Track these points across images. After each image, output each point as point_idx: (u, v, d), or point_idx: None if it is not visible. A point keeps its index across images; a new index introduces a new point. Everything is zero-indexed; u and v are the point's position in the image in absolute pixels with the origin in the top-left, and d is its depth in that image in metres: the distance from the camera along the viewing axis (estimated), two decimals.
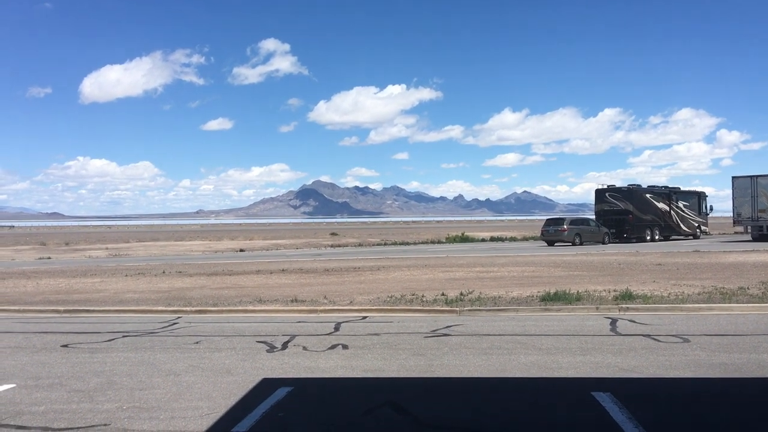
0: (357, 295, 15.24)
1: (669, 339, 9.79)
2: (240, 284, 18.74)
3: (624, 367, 8.07)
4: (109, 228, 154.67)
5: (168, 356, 9.33)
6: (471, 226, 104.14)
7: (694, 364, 8.19)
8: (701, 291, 14.49)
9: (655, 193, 45.00)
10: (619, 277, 18.01)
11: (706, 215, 49.45)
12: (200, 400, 6.94)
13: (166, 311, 13.95)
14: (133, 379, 8.01)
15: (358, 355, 9.14)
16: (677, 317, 11.94)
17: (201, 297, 15.70)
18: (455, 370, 8.12)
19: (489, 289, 15.62)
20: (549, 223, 41.65)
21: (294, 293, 15.75)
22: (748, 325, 10.98)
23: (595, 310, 12.70)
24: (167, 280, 20.34)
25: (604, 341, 9.77)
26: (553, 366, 8.23)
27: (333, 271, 22.32)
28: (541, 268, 22.14)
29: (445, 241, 52.79)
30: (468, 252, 35.01)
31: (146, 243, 59.67)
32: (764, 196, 39.42)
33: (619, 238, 42.12)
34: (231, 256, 36.34)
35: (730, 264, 21.97)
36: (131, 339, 10.89)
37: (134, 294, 16.79)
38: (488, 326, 11.37)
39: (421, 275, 20.25)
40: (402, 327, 11.48)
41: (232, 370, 8.37)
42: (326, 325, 11.77)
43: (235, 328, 11.85)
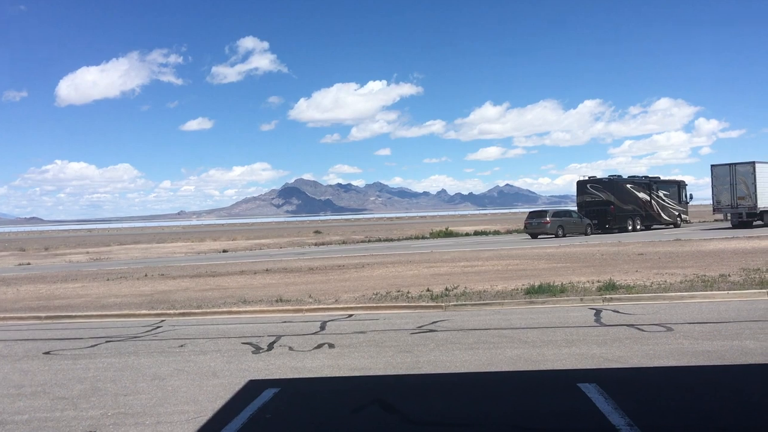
0: (342, 294, 15.21)
1: (653, 328, 9.87)
2: (224, 285, 18.64)
3: (609, 358, 8.12)
4: (89, 232, 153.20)
5: (152, 360, 9.25)
6: (454, 221, 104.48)
7: (677, 352, 8.26)
8: (683, 279, 14.62)
9: (635, 183, 45.37)
10: (602, 268, 18.14)
11: (686, 204, 49.95)
12: (186, 404, 6.88)
13: (149, 315, 13.83)
14: (118, 384, 7.93)
15: (344, 353, 9.12)
16: (660, 306, 12.04)
17: (184, 299, 15.59)
18: (442, 366, 8.13)
19: (474, 284, 15.66)
20: (532, 215, 41.83)
21: (279, 293, 15.69)
22: (730, 312, 11.10)
23: (580, 301, 12.78)
24: (150, 283, 20.18)
25: (589, 332, 9.83)
26: (539, 359, 8.26)
27: (317, 270, 22.27)
28: (525, 261, 22.23)
29: (429, 236, 52.86)
30: (452, 247, 35.09)
31: (127, 246, 59.18)
32: (743, 184, 39.88)
33: (602, 228, 42.41)
34: (214, 257, 36.14)
35: (710, 252, 22.21)
36: (115, 344, 10.78)
37: (116, 298, 16.64)
38: (474, 321, 11.40)
39: (405, 271, 20.26)
40: (388, 324, 11.47)
41: (218, 372, 8.32)
42: (312, 325, 11.73)
43: (219, 330, 11.78)
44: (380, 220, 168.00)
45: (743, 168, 40.12)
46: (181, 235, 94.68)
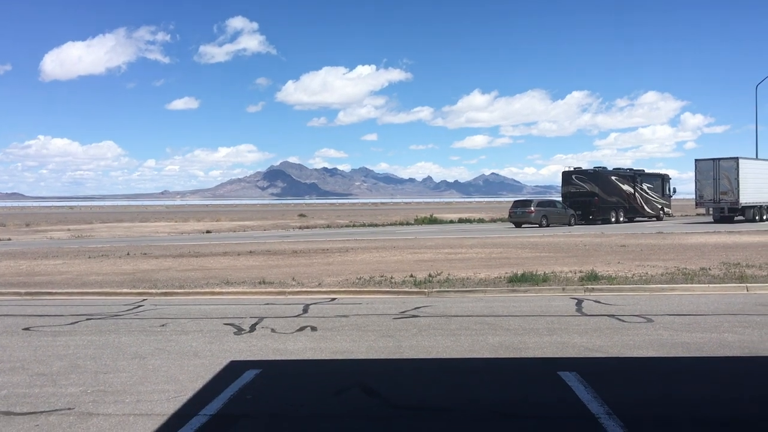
0: (325, 277, 15.19)
1: (633, 319, 9.96)
2: (207, 266, 18.55)
3: (590, 347, 8.18)
4: (71, 209, 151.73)
5: (133, 339, 9.20)
6: (439, 208, 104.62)
7: (657, 343, 8.34)
8: (664, 272, 14.75)
9: (620, 175, 45.64)
10: (584, 259, 18.25)
11: (669, 197, 50.37)
12: (167, 383, 6.86)
13: (131, 294, 13.75)
14: (98, 362, 7.88)
15: (327, 337, 9.12)
16: (641, 298, 12.15)
17: (167, 279, 15.50)
18: (424, 352, 8.15)
19: (457, 271, 15.70)
20: (516, 205, 41.98)
21: (262, 275, 15.64)
22: (710, 304, 11.22)
23: (562, 291, 12.86)
24: (132, 262, 20.04)
25: (571, 322, 9.90)
26: (521, 346, 8.31)
27: (301, 253, 22.23)
28: (509, 249, 22.32)
29: (413, 222, 52.89)
30: (436, 234, 35.15)
31: (110, 224, 58.72)
32: (726, 179, 40.26)
33: (585, 219, 42.67)
34: (197, 238, 35.94)
35: (692, 245, 22.42)
36: (95, 322, 10.71)
37: (98, 276, 16.51)
38: (457, 307, 11.44)
39: (389, 257, 20.27)
40: (371, 309, 11.48)
41: (199, 352, 8.29)
42: (295, 307, 11.71)
43: (202, 310, 11.73)
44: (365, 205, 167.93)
45: (727, 163, 40.48)
46: (164, 214, 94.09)
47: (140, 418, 5.78)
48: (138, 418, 5.78)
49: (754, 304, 11.24)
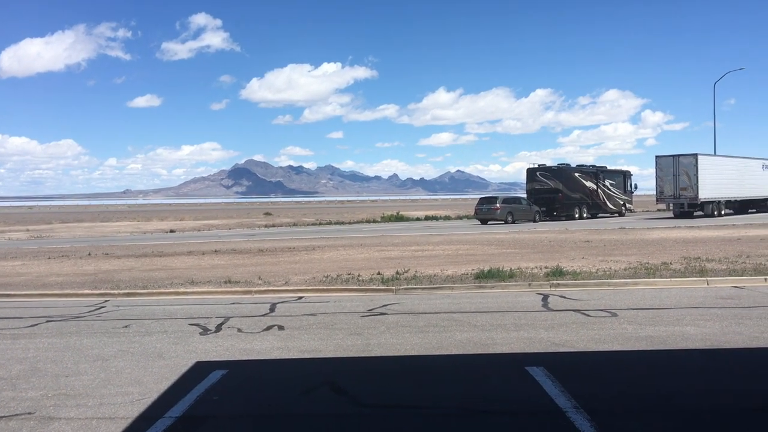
0: (292, 276, 15.09)
1: (598, 313, 10.09)
2: (171, 266, 18.28)
3: (556, 342, 8.26)
4: (30, 209, 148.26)
5: (95, 341, 9.01)
6: (406, 206, 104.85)
7: (622, 337, 8.46)
8: (627, 267, 14.98)
9: (583, 172, 46.25)
10: (549, 254, 18.45)
11: (631, 193, 51.25)
12: (130, 386, 6.72)
13: (92, 295, 13.46)
14: (59, 365, 7.70)
15: (294, 336, 9.05)
16: (605, 292, 12.31)
17: (129, 279, 15.23)
18: (392, 349, 8.14)
19: (424, 268, 15.73)
20: (482, 201, 42.26)
21: (227, 274, 15.47)
22: (672, 298, 11.42)
23: (528, 286, 12.96)
24: (93, 263, 19.65)
25: (537, 317, 9.98)
26: (488, 342, 8.35)
27: (267, 252, 22.05)
28: (475, 246, 22.45)
29: (380, 220, 52.89)
30: (403, 231, 35.20)
31: (70, 224, 57.52)
32: (685, 175, 41.08)
33: (550, 216, 43.16)
34: (161, 237, 35.41)
35: (653, 240, 22.83)
36: (56, 324, 10.46)
37: (58, 277, 16.15)
38: (424, 304, 11.45)
39: (356, 255, 20.23)
40: (338, 307, 11.43)
41: (164, 353, 8.15)
42: (261, 306, 11.60)
43: (166, 310, 11.54)
44: (331, 203, 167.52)
45: (686, 160, 41.31)
46: (126, 214, 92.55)
47: (103, 422, 5.65)
48: (101, 422, 5.65)
49: (714, 297, 11.47)
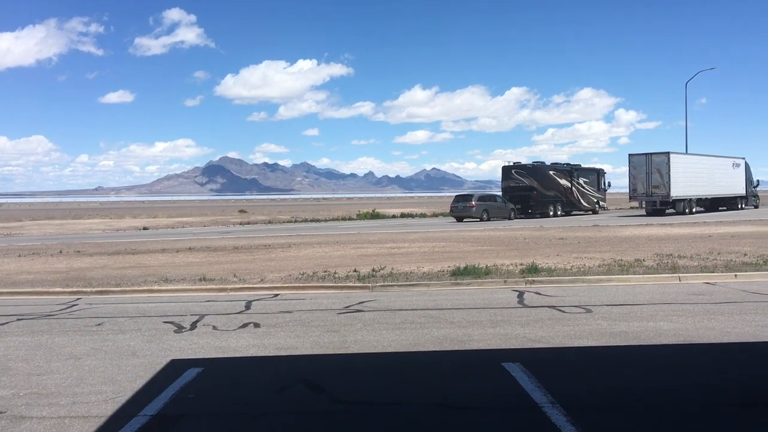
0: (268, 273, 15.00)
1: (573, 310, 10.18)
2: (144, 263, 18.07)
3: (532, 338, 8.31)
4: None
5: (67, 339, 8.87)
6: (382, 203, 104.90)
7: (596, 333, 8.54)
8: (601, 263, 15.13)
9: (557, 170, 46.66)
10: (525, 251, 18.57)
11: (604, 191, 51.84)
12: (104, 384, 6.63)
13: (64, 293, 13.25)
14: (30, 364, 7.56)
15: (270, 333, 8.99)
16: (580, 289, 12.43)
17: (102, 277, 15.02)
18: (369, 346, 8.12)
19: (401, 265, 15.74)
20: (458, 199, 42.43)
21: (202, 272, 15.33)
22: (645, 294, 11.56)
23: (503, 283, 13.03)
24: (65, 260, 19.36)
25: (513, 313, 10.04)
26: (465, 339, 8.38)
27: (242, 249, 21.90)
28: (451, 243, 22.53)
29: (356, 217, 52.87)
30: (379, 228, 35.20)
31: (41, 221, 56.59)
32: (658, 173, 41.62)
33: (525, 213, 43.48)
34: (134, 235, 35.00)
35: (626, 237, 23.10)
36: (26, 322, 10.28)
37: (29, 275, 15.88)
38: (400, 301, 11.46)
39: (332, 252, 20.18)
40: (314, 304, 11.39)
41: (138, 352, 8.05)
42: (237, 304, 11.52)
43: (140, 308, 11.40)
44: (307, 201, 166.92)
45: (659, 158, 41.86)
46: (98, 211, 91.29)
47: (76, 421, 5.56)
48: (74, 421, 5.56)
49: (686, 293, 11.64)
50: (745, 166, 50.52)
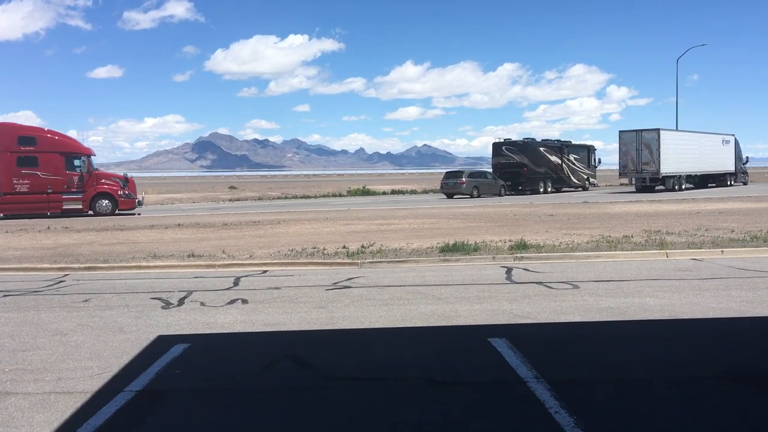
0: (257, 249, 14.98)
1: (560, 286, 10.22)
2: (132, 240, 18.00)
3: (519, 314, 8.35)
4: None
5: (54, 315, 8.84)
6: (372, 180, 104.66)
7: (583, 308, 8.59)
8: (590, 240, 15.19)
9: (548, 146, 46.66)
10: (514, 228, 18.61)
11: (594, 168, 51.94)
12: (90, 360, 6.61)
13: (51, 269, 13.18)
14: (16, 340, 7.54)
15: (258, 309, 8.99)
16: (568, 265, 12.48)
17: (90, 253, 14.95)
18: (357, 322, 8.14)
19: (390, 242, 15.74)
20: (448, 176, 42.42)
21: (190, 248, 15.28)
22: (632, 270, 11.63)
23: (492, 259, 13.07)
24: (52, 236, 19.25)
25: (500, 289, 10.08)
26: (452, 314, 8.41)
27: (232, 225, 21.84)
28: (441, 220, 22.54)
29: (346, 194, 52.79)
30: (369, 205, 35.17)
31: None
32: (648, 150, 41.72)
33: (515, 190, 43.54)
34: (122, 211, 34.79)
35: (615, 214, 23.19)
36: (13, 298, 10.23)
37: (16, 251, 15.78)
38: (389, 278, 11.47)
39: (322, 228, 20.16)
40: (303, 280, 11.39)
41: (125, 328, 8.03)
42: (225, 280, 11.50)
43: (127, 285, 11.37)
44: (297, 177, 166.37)
45: (649, 135, 41.93)
46: None
47: (62, 396, 5.55)
48: (59, 396, 5.55)
49: (673, 269, 11.71)
50: (734, 143, 50.73)
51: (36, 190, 28.86)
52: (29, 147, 28.91)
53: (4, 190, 28.75)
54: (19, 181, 28.76)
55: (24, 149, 28.83)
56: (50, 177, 28.99)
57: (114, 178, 31.10)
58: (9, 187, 28.73)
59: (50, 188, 28.99)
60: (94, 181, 29.84)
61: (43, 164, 28.91)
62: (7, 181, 28.70)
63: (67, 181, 29.33)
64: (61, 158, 29.31)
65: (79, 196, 29.49)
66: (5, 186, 28.73)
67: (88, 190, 29.59)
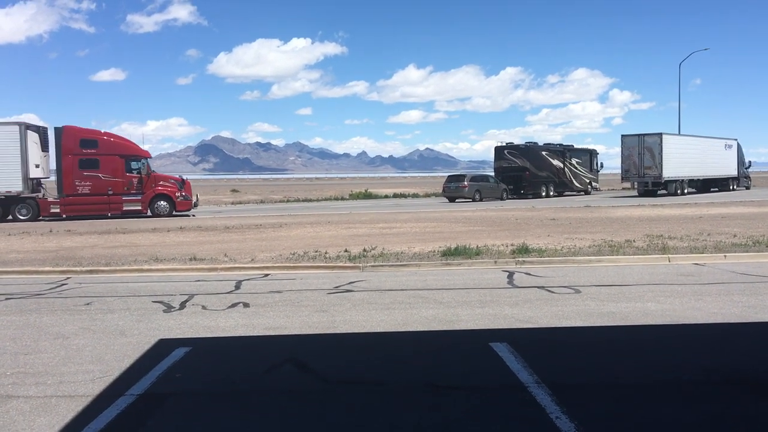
0: (259, 253, 14.98)
1: (562, 290, 10.21)
2: (134, 243, 18.02)
3: (520, 318, 8.34)
4: None
5: (56, 319, 8.85)
6: (374, 183, 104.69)
7: (585, 313, 8.58)
8: (592, 244, 15.17)
9: (550, 150, 46.63)
10: (516, 232, 18.60)
11: (597, 172, 51.90)
12: (91, 364, 6.62)
13: (53, 272, 13.20)
14: (18, 343, 7.55)
15: (259, 313, 9.00)
16: (569, 269, 12.46)
17: (92, 256, 14.97)
18: (358, 326, 8.14)
19: (392, 245, 15.74)
20: (450, 179, 42.42)
21: (192, 251, 15.29)
22: (634, 275, 11.61)
23: (494, 264, 13.06)
24: (55, 239, 19.28)
25: (502, 294, 10.07)
26: (453, 319, 8.40)
27: (234, 229, 21.86)
28: (443, 223, 22.54)
29: (348, 197, 52.81)
30: (371, 208, 35.18)
31: None
32: (650, 154, 41.66)
33: (517, 194, 43.51)
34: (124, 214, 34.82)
35: (617, 218, 23.16)
36: (15, 301, 10.24)
37: (18, 254, 15.81)
38: (391, 281, 11.47)
39: (324, 232, 20.16)
40: (305, 284, 11.39)
41: (126, 331, 8.04)
42: (227, 284, 11.51)
43: (129, 288, 11.38)
44: (300, 181, 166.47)
45: (651, 139, 41.87)
46: None
47: (63, 400, 5.56)
48: (60, 400, 5.56)
49: (675, 274, 11.69)
50: (737, 148, 50.65)
51: (97, 192, 29.37)
52: (91, 150, 29.41)
53: (67, 192, 29.25)
54: (81, 183, 29.26)
55: (86, 152, 29.33)
56: (111, 179, 29.48)
57: (171, 180, 31.64)
58: (71, 188, 29.24)
59: (111, 190, 29.50)
60: (152, 183, 30.36)
61: (104, 166, 29.37)
62: (69, 183, 29.22)
63: (127, 183, 29.81)
64: (121, 161, 29.80)
65: (139, 198, 30.00)
66: (68, 187, 29.24)
67: (147, 192, 30.10)
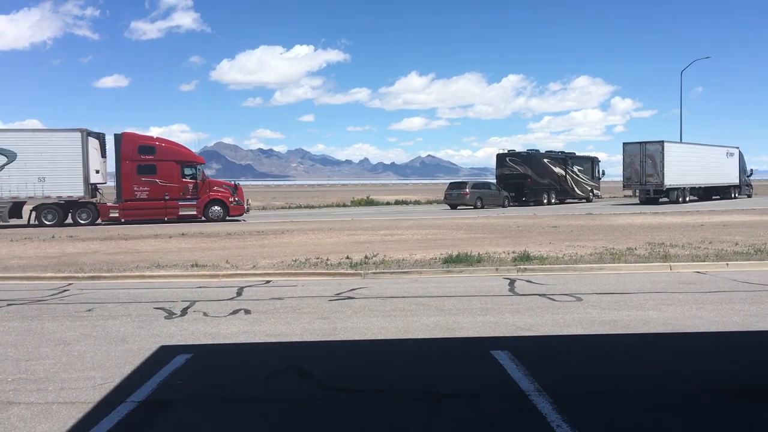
0: (260, 259, 15.00)
1: (563, 298, 10.21)
2: (136, 249, 18.04)
3: (521, 326, 8.34)
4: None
5: (58, 325, 8.86)
6: (376, 190, 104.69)
7: (586, 321, 8.57)
8: (593, 252, 15.17)
9: (552, 158, 46.68)
10: (517, 239, 18.60)
11: (598, 179, 51.92)
12: (93, 370, 6.63)
13: (55, 278, 13.22)
14: (19, 349, 7.56)
15: (260, 319, 9.00)
16: (571, 277, 12.46)
17: (94, 263, 14.99)
18: (359, 333, 8.14)
19: (393, 252, 15.75)
20: (452, 186, 42.44)
21: (194, 258, 15.31)
22: (635, 283, 11.60)
23: (495, 271, 13.06)
24: (57, 245, 19.31)
25: (503, 301, 10.07)
26: (454, 326, 8.40)
27: (235, 235, 21.88)
28: (444, 231, 22.54)
29: (350, 204, 52.82)
30: (373, 215, 35.19)
31: None
32: (652, 162, 41.68)
33: (518, 201, 43.52)
34: None
35: (619, 226, 23.16)
36: (17, 307, 10.26)
37: (20, 260, 15.83)
38: (392, 289, 11.47)
39: (325, 238, 20.17)
40: (306, 291, 11.40)
41: (128, 338, 8.05)
42: (228, 290, 11.51)
43: (131, 294, 11.39)
44: (302, 187, 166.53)
45: (653, 147, 41.91)
46: None
47: (64, 407, 5.57)
48: (62, 407, 5.57)
49: (676, 282, 11.69)
50: (739, 156, 50.66)
51: (154, 197, 29.82)
52: (148, 156, 29.89)
53: (125, 197, 29.70)
54: (139, 188, 29.72)
55: (144, 158, 29.80)
56: (167, 184, 29.93)
57: (224, 185, 32.23)
58: (130, 193, 29.70)
59: (167, 195, 29.94)
60: (206, 188, 30.90)
61: (161, 172, 29.85)
62: (128, 188, 29.69)
63: (183, 188, 30.26)
64: (177, 166, 30.27)
65: (194, 203, 30.45)
66: (126, 193, 29.70)
67: (202, 197, 30.56)
